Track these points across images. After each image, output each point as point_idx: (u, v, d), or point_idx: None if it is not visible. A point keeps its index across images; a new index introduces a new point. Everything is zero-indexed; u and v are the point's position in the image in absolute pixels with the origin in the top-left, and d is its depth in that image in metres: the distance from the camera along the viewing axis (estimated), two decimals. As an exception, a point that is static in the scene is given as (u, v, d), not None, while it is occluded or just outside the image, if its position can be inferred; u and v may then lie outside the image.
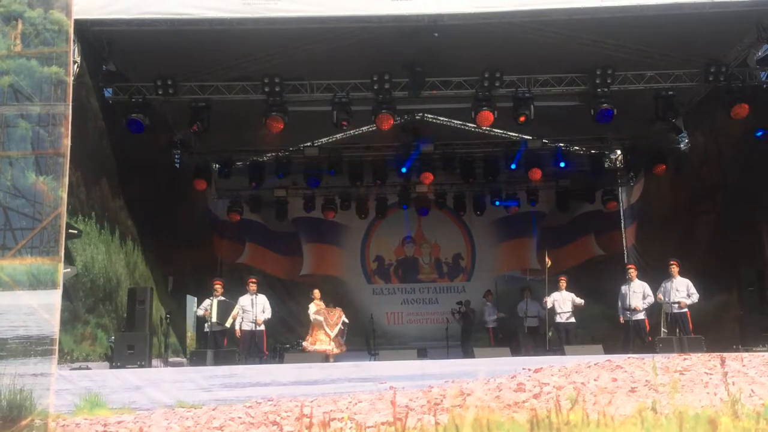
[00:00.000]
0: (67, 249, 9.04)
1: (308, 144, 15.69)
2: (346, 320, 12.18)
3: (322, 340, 11.89)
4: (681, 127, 13.30)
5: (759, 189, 11.30)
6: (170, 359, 12.53)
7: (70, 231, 9.22)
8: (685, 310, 10.75)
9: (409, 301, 17.78)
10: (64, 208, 8.84)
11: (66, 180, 8.93)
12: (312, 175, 16.07)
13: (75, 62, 9.54)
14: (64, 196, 8.85)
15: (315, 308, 12.12)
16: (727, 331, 11.54)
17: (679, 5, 9.75)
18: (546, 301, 12.13)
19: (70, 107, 9.09)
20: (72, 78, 9.28)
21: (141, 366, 9.59)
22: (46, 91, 9.25)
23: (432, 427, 3.71)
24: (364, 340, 14.70)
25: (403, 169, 16.19)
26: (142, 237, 12.27)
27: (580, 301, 12.20)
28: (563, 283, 12.33)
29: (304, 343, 12.04)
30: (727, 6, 9.75)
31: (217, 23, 9.87)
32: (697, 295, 10.77)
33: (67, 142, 8.96)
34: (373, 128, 13.03)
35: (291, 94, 11.81)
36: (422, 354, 13.56)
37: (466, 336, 15.41)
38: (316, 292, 12.33)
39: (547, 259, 11.96)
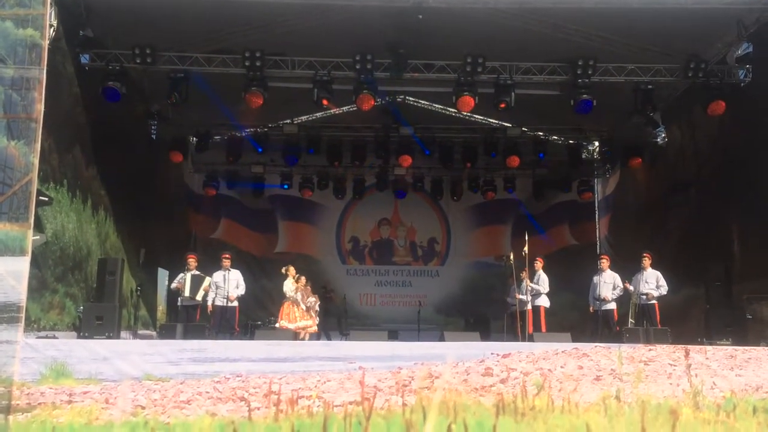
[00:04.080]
0: (37, 216, 8.91)
1: (287, 121, 15.57)
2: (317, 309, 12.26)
3: (295, 317, 11.87)
4: (658, 122, 13.43)
5: (732, 186, 11.49)
6: (139, 332, 12.44)
7: (40, 198, 9.08)
8: (653, 301, 10.92)
9: (382, 283, 17.83)
10: (35, 175, 8.69)
11: (38, 146, 8.76)
12: (290, 153, 15.96)
13: (51, 26, 9.34)
14: (36, 162, 8.70)
15: (292, 285, 12.01)
16: (692, 324, 11.76)
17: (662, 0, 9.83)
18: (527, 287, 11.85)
19: (45, 71, 8.90)
20: (47, 42, 9.08)
21: (109, 337, 9.51)
22: (21, 53, 9.06)
23: (399, 408, 3.73)
24: (336, 320, 14.73)
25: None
26: (114, 207, 12.12)
27: (535, 286, 11.74)
28: (539, 264, 11.96)
29: (281, 322, 11.92)
30: (709, 3, 9.86)
31: (200, -7, 9.72)
32: (666, 288, 10.92)
33: (41, 107, 8.79)
34: (354, 108, 12.96)
35: (272, 69, 11.68)
36: (393, 336, 13.63)
37: (327, 319, 15.28)
38: (292, 269, 12.20)
39: (525, 249, 11.55)
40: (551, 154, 16.40)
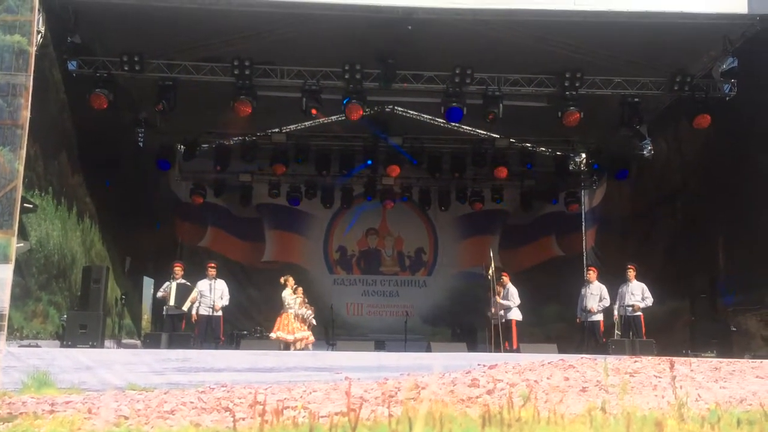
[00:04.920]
0: (21, 223, 8.83)
1: (276, 130, 15.55)
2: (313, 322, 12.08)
3: (293, 329, 11.56)
4: (645, 134, 13.55)
5: (717, 199, 11.58)
6: (124, 341, 12.34)
7: (25, 205, 9.01)
8: (639, 313, 10.97)
9: (369, 292, 17.80)
10: (20, 181, 8.63)
11: (23, 152, 8.71)
12: (278, 162, 15.93)
13: (39, 32, 9.29)
14: (21, 168, 8.64)
15: (292, 296, 11.69)
16: (678, 336, 11.82)
17: (649, 14, 9.93)
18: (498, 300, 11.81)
19: (32, 78, 8.86)
20: (35, 48, 9.05)
21: (93, 346, 9.42)
22: (8, 60, 9.01)
23: (385, 418, 3.71)
24: (323, 330, 14.67)
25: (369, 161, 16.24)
26: (100, 215, 12.03)
27: (505, 302, 11.75)
28: (506, 279, 11.98)
29: (277, 333, 11.59)
30: (695, 17, 9.96)
31: (189, 1, 9.69)
32: (651, 299, 10.98)
33: (27, 113, 8.75)
34: (342, 118, 12.97)
35: (261, 78, 11.68)
36: (380, 346, 13.60)
37: None
38: (291, 279, 11.87)
39: (491, 265, 11.36)
40: (539, 165, 16.49)
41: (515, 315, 11.76)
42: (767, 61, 10.15)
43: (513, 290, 11.83)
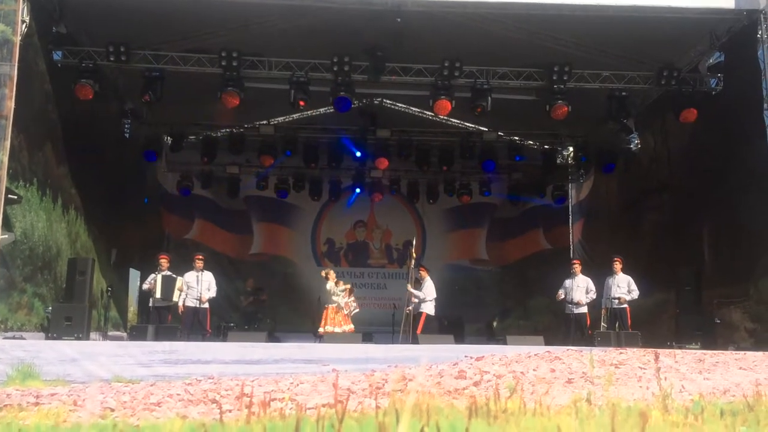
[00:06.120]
0: (5, 215, 8.76)
1: (264, 122, 15.48)
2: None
3: (340, 322, 11.53)
4: (632, 128, 13.61)
5: (703, 192, 11.67)
6: (110, 333, 12.27)
7: (9, 196, 8.93)
8: (625, 305, 11.04)
9: (357, 285, 17.68)
10: (4, 172, 8.56)
11: (7, 143, 8.64)
12: (266, 154, 15.86)
13: (23, 21, 9.20)
14: (5, 159, 8.58)
15: (337, 288, 11.62)
16: (663, 329, 11.92)
17: (637, 8, 9.98)
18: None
19: (16, 68, 8.78)
20: (19, 38, 8.97)
21: (78, 338, 9.37)
22: (-9, 49, 8.92)
23: (372, 410, 3.71)
24: (310, 322, 14.66)
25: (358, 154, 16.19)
26: (86, 206, 11.94)
27: (416, 292, 11.88)
28: (424, 273, 12.09)
29: (326, 328, 11.42)
30: (683, 12, 10.02)
31: (176, -9, 9.64)
32: (637, 292, 11.05)
33: (11, 104, 8.68)
34: (331, 110, 12.93)
35: (248, 69, 11.62)
36: (367, 338, 13.62)
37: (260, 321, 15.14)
38: (332, 273, 11.97)
39: (413, 251, 11.62)
40: (527, 158, 16.53)
41: (427, 308, 11.88)
42: (753, 56, 10.20)
43: (429, 284, 11.93)
